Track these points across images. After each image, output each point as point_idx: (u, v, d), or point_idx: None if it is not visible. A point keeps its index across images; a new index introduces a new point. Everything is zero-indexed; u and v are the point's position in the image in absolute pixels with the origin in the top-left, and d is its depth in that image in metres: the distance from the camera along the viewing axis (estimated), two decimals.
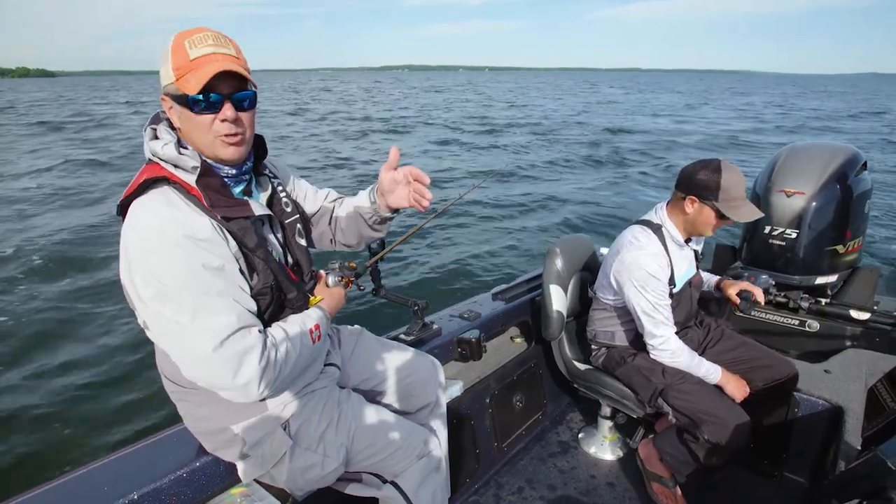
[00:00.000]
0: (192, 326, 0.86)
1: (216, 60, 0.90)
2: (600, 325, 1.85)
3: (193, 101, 0.90)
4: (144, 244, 0.87)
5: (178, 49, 0.90)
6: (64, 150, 14.48)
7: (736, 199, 1.52)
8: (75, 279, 5.39)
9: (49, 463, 2.84)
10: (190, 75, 0.89)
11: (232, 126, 0.94)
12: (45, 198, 8.85)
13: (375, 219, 1.23)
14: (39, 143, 16.16)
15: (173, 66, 0.90)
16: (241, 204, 0.99)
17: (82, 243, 6.46)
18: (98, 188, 9.65)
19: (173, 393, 1.07)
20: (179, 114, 0.94)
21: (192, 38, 0.90)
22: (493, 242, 6.59)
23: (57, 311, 4.66)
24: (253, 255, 0.98)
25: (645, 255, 1.60)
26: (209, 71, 0.88)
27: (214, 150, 0.96)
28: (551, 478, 1.91)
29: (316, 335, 1.06)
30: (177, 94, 0.91)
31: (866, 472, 0.88)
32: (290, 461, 1.07)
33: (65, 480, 1.05)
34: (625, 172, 11.21)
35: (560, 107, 30.93)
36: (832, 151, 2.04)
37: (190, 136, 0.96)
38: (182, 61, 0.90)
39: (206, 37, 0.91)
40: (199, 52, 0.90)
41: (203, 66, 0.89)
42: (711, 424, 1.50)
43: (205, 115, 0.92)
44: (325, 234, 1.32)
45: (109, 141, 16.50)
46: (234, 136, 0.95)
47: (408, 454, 1.18)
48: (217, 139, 0.94)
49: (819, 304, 2.03)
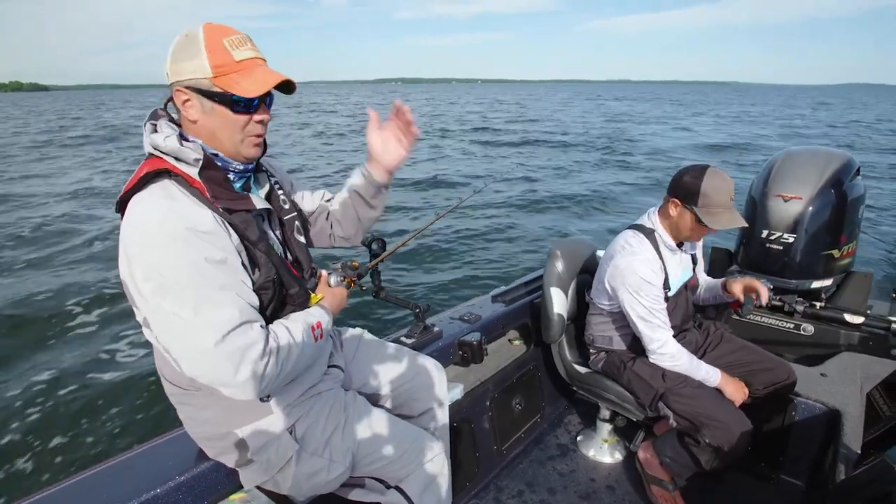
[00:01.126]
0: (194, 320, 0.84)
1: (261, 65, 0.95)
2: (598, 330, 1.85)
3: (236, 101, 0.92)
4: (144, 238, 0.85)
5: (217, 46, 0.90)
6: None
7: (716, 205, 1.51)
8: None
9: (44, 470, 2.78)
10: (238, 76, 0.91)
11: (263, 127, 0.98)
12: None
13: (371, 191, 1.22)
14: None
15: (212, 63, 0.89)
16: (243, 198, 0.99)
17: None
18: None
19: (173, 396, 1.05)
20: (208, 109, 0.93)
21: (231, 39, 0.92)
22: (493, 244, 6.62)
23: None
24: (255, 248, 0.97)
25: (638, 261, 1.60)
26: (268, 79, 0.93)
27: (240, 148, 0.98)
28: (551, 481, 1.91)
29: (318, 333, 1.05)
30: (212, 91, 0.91)
31: (874, 476, 0.89)
32: (296, 466, 1.05)
33: (61, 488, 1.02)
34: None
35: (590, 121, 28.64)
36: (828, 157, 2.07)
37: (212, 133, 0.95)
38: (224, 60, 0.90)
39: (245, 39, 0.94)
40: (244, 54, 0.93)
41: (252, 70, 0.93)
42: (713, 428, 1.51)
43: (243, 116, 0.95)
44: (324, 230, 1.31)
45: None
46: (261, 136, 1.00)
47: (412, 459, 1.17)
48: (248, 138, 0.97)
49: (814, 307, 2.05)
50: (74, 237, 7.06)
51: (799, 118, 32.60)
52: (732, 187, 1.53)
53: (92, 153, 16.66)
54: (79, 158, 15.53)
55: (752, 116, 33.76)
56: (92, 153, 16.66)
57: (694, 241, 1.61)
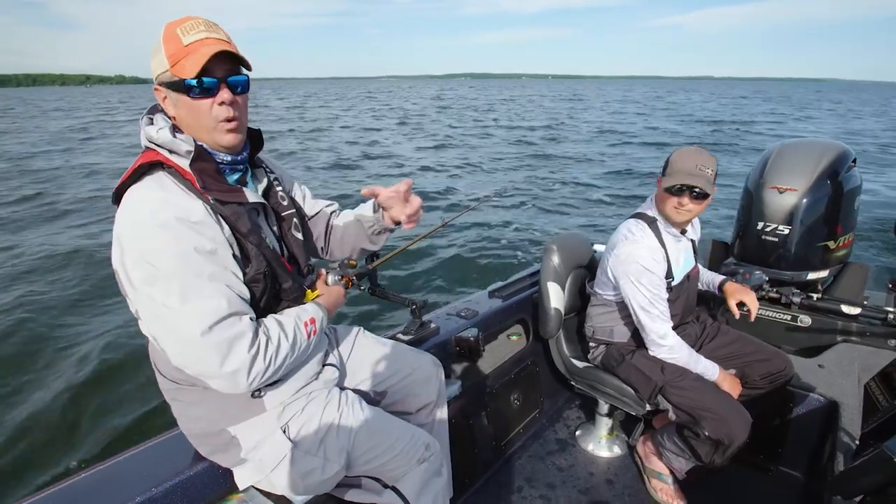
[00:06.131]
0: (182, 309, 0.85)
1: (209, 44, 0.91)
2: (598, 322, 1.84)
3: (189, 86, 0.90)
4: (136, 228, 0.86)
5: (171, 37, 0.91)
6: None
7: (678, 171, 1.54)
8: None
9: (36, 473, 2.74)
10: (184, 60, 0.90)
11: (230, 109, 0.94)
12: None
13: (376, 228, 1.25)
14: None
15: (167, 54, 0.91)
16: (235, 190, 0.99)
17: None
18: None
19: (167, 391, 1.04)
20: (176, 101, 0.94)
21: (184, 26, 0.91)
22: (491, 239, 6.60)
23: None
24: (245, 240, 0.96)
25: (639, 249, 1.59)
26: (206, 53, 0.89)
27: (214, 136, 0.96)
28: (550, 476, 1.90)
29: (311, 329, 1.04)
30: (172, 81, 0.91)
31: (872, 467, 0.88)
32: (290, 465, 1.04)
33: (52, 492, 1.00)
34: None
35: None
36: (823, 148, 2.07)
37: (187, 123, 0.95)
38: (175, 48, 0.90)
39: (197, 23, 0.92)
40: (193, 37, 0.91)
41: (198, 49, 0.90)
42: (712, 420, 1.50)
43: (203, 100, 0.92)
44: (320, 239, 1.31)
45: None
46: (233, 120, 0.96)
47: (409, 458, 1.15)
48: (217, 125, 0.94)
49: (810, 299, 2.05)
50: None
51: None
52: (704, 160, 1.53)
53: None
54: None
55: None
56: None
57: (676, 219, 1.60)
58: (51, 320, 4.43)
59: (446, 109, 34.72)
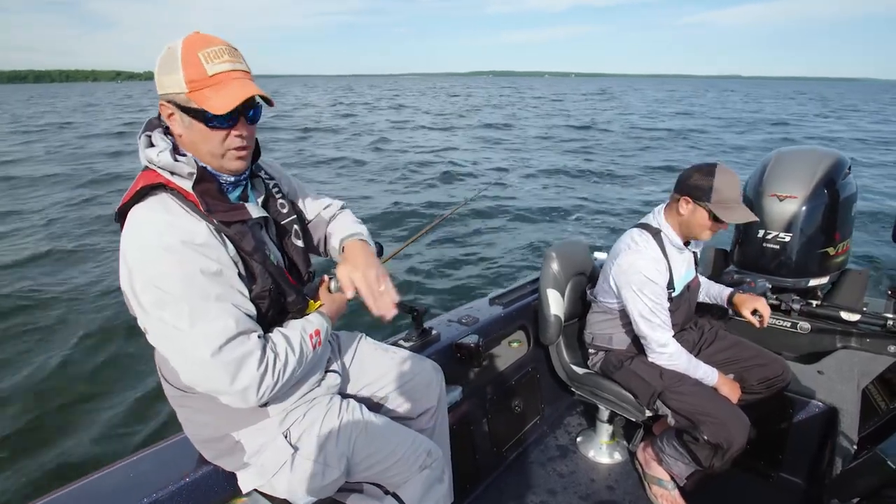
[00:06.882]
0: (191, 332, 0.86)
1: (237, 78, 0.90)
2: (598, 329, 1.86)
3: (211, 117, 0.90)
4: (143, 251, 0.87)
5: (192, 61, 0.88)
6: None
7: (728, 200, 1.53)
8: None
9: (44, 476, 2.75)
10: (209, 91, 0.88)
11: (243, 140, 0.95)
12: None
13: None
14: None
15: (186, 78, 0.88)
16: (238, 208, 0.99)
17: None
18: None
19: (173, 398, 1.06)
20: (188, 124, 0.93)
21: (207, 52, 0.88)
22: (491, 246, 6.60)
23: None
24: (250, 258, 0.97)
25: (642, 259, 1.61)
26: (238, 94, 0.88)
27: (222, 162, 0.96)
28: (551, 482, 1.90)
29: (316, 341, 1.05)
30: (188, 107, 0.90)
31: (867, 470, 0.89)
32: (291, 470, 1.05)
33: (60, 494, 1.02)
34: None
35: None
36: (819, 156, 2.08)
37: (195, 147, 0.95)
38: (197, 74, 0.88)
39: (221, 51, 0.90)
40: (217, 67, 0.89)
41: (225, 84, 0.89)
42: (711, 424, 1.51)
43: (219, 131, 0.92)
44: (320, 244, 1.30)
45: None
46: (244, 149, 0.96)
47: (410, 465, 1.16)
48: (228, 153, 0.95)
49: (810, 305, 2.06)
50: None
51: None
52: (740, 184, 1.55)
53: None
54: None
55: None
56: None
57: (704, 239, 1.62)
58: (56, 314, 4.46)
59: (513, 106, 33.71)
